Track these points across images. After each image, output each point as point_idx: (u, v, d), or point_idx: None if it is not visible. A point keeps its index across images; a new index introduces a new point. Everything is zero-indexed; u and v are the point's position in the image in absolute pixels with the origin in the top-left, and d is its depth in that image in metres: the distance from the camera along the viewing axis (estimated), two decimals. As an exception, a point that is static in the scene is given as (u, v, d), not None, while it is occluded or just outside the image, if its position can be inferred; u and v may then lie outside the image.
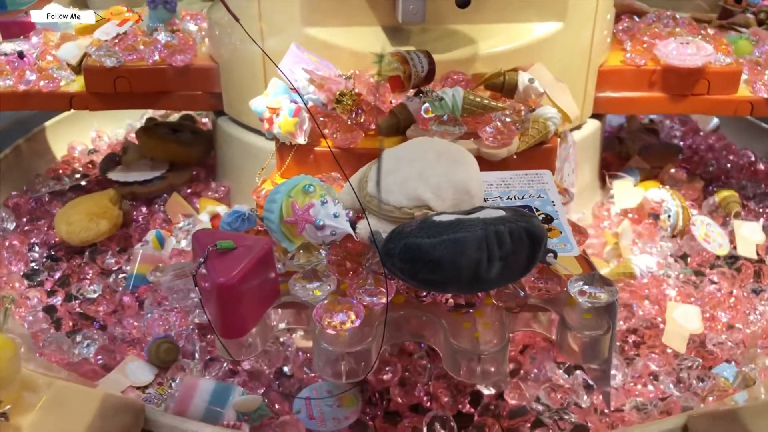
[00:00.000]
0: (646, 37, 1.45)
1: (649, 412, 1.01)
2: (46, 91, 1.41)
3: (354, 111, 1.06)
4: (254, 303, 0.80)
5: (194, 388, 0.97)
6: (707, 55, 1.36)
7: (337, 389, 0.99)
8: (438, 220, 0.75)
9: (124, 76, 1.36)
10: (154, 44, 1.39)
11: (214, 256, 0.79)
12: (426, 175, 0.85)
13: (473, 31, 1.25)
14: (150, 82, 1.38)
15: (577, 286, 0.82)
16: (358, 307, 0.81)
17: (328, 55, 1.20)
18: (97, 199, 1.38)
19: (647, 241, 1.34)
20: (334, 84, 1.06)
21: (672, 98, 1.40)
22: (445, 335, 0.80)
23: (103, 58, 1.36)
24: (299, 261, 0.88)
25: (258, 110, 1.06)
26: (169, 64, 1.37)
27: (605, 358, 0.83)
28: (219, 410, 0.95)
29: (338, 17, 1.22)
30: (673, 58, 1.36)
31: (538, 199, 0.92)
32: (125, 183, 1.50)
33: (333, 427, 0.95)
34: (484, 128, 1.01)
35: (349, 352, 0.78)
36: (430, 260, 0.73)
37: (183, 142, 1.58)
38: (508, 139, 1.00)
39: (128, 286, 1.24)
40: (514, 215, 0.75)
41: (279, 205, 0.88)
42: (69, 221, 1.33)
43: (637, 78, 1.40)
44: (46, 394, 0.77)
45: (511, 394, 1.02)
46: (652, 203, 1.39)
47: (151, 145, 1.57)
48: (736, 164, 1.71)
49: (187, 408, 0.95)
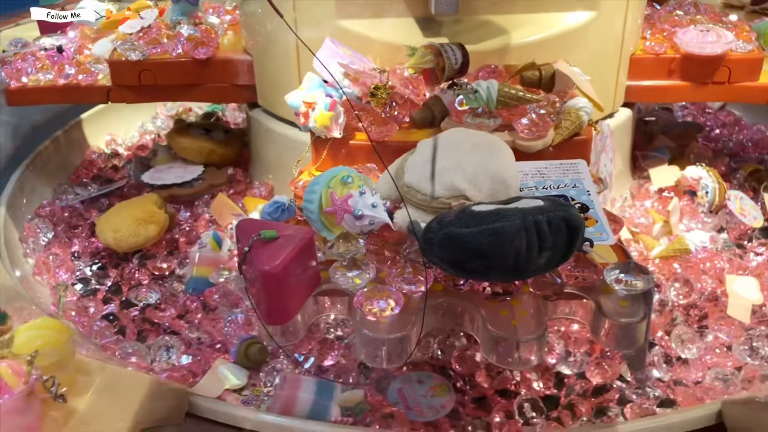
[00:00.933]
0: (667, 24, 1.44)
1: (730, 381, 1.03)
2: (85, 84, 1.44)
3: (388, 104, 1.07)
4: (297, 290, 0.83)
5: (298, 386, 0.95)
6: (727, 43, 1.35)
7: (428, 379, 1.00)
8: (477, 210, 0.77)
9: (149, 69, 1.39)
10: (177, 37, 1.41)
11: (258, 245, 0.81)
12: (462, 165, 0.87)
13: (505, 22, 1.26)
14: (174, 75, 1.41)
15: (614, 275, 0.84)
16: (398, 295, 0.83)
17: (362, 46, 1.21)
18: (142, 204, 1.36)
19: (691, 218, 1.37)
20: (368, 78, 1.08)
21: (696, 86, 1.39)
22: (483, 323, 0.82)
23: (127, 52, 1.39)
24: (338, 250, 0.90)
25: (294, 105, 1.07)
26: (191, 57, 1.39)
27: (641, 345, 0.84)
28: (327, 404, 0.93)
29: (372, 9, 1.23)
30: (693, 46, 1.35)
31: (573, 188, 0.93)
32: (163, 186, 1.48)
33: (432, 416, 0.95)
34: (518, 120, 1.02)
35: (389, 338, 0.80)
36: (469, 249, 0.74)
37: (218, 141, 1.57)
38: (543, 131, 1.01)
39: (189, 289, 1.22)
40: (552, 205, 0.76)
41: (318, 196, 0.90)
42: (115, 228, 1.30)
43: (661, 66, 1.39)
44: (98, 377, 0.81)
45: (594, 372, 1.03)
46: (690, 180, 1.42)
47: (184, 146, 1.56)
48: (752, 139, 1.73)
49: (293, 406, 0.93)
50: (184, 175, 1.50)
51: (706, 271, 1.24)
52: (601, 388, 1.03)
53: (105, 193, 1.52)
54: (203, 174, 1.51)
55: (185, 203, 1.48)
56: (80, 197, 1.51)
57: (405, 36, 1.23)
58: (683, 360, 1.07)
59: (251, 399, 1.00)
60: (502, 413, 0.97)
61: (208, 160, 1.55)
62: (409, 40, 1.22)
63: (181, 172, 1.52)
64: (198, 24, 1.47)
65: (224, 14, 1.58)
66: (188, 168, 1.53)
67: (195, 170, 1.52)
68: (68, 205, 1.49)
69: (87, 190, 1.55)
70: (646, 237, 1.33)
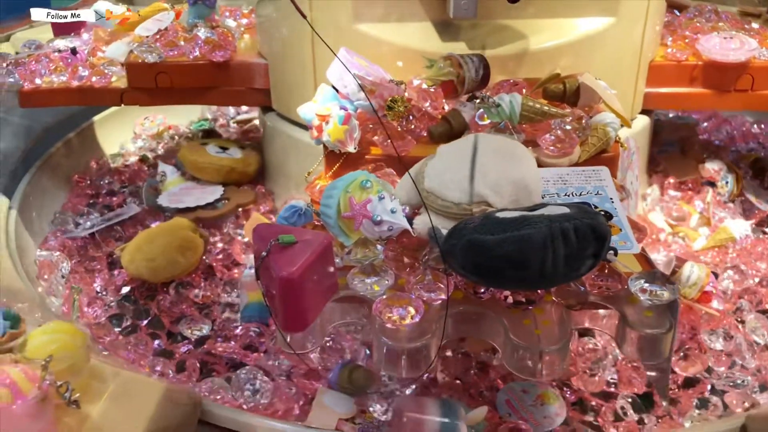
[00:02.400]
0: (688, 31, 1.43)
1: None
2: (99, 86, 1.44)
3: (405, 117, 1.04)
4: (315, 297, 0.81)
5: (423, 410, 0.88)
6: (751, 50, 1.33)
7: (532, 387, 0.97)
8: (501, 217, 0.75)
9: (165, 71, 1.38)
10: (193, 40, 1.41)
11: (275, 250, 0.80)
12: (484, 171, 0.85)
13: (523, 27, 1.24)
14: (191, 78, 1.39)
15: (639, 284, 0.82)
16: (417, 303, 0.81)
17: (379, 52, 1.20)
18: (175, 230, 1.26)
19: (717, 207, 1.41)
20: (385, 90, 1.04)
21: (718, 94, 1.38)
22: (506, 332, 0.80)
23: (144, 54, 1.38)
24: (357, 256, 0.88)
25: (307, 117, 1.04)
26: (208, 59, 1.38)
27: (666, 356, 0.82)
28: (455, 425, 0.86)
29: (389, 13, 1.22)
30: (716, 53, 1.34)
31: (596, 196, 0.92)
32: (186, 209, 1.38)
33: (549, 425, 0.93)
34: (543, 136, 0.98)
35: (409, 347, 0.78)
36: (494, 257, 0.73)
37: (237, 159, 1.50)
38: (569, 147, 0.98)
39: (245, 317, 1.14)
40: (578, 212, 0.74)
41: (336, 201, 0.88)
42: (150, 257, 1.21)
43: (682, 73, 1.38)
44: (112, 383, 0.79)
45: (682, 365, 1.05)
46: (711, 172, 1.49)
47: (202, 166, 1.48)
48: (738, 130, 1.74)
49: (422, 429, 0.87)
50: (204, 197, 1.42)
51: (758, 256, 1.30)
52: (692, 380, 1.05)
53: (119, 221, 1.40)
54: (225, 194, 1.44)
55: (211, 226, 1.39)
56: (91, 227, 1.39)
57: (422, 40, 1.21)
58: (765, 345, 1.11)
59: (367, 427, 0.93)
60: (609, 414, 0.98)
61: (228, 179, 1.48)
62: (426, 44, 1.20)
63: (199, 193, 1.44)
64: (215, 27, 1.46)
65: (241, 17, 1.57)
66: (206, 189, 1.45)
67: (214, 190, 1.44)
68: (76, 236, 1.37)
69: (89, 219, 1.44)
70: (687, 229, 1.37)
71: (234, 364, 1.08)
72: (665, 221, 1.40)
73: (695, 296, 1.13)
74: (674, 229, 1.39)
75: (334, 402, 0.95)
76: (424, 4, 1.22)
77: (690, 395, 1.02)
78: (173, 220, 1.32)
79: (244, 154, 1.52)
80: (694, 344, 1.10)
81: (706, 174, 1.49)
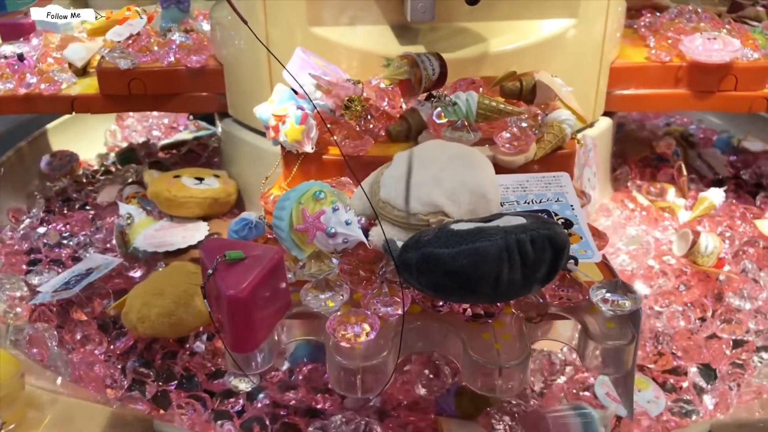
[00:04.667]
0: (670, 32, 1.42)
1: None
2: (47, 94, 1.38)
3: (363, 117, 1.02)
4: (265, 315, 0.77)
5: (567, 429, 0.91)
6: (734, 51, 1.33)
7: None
8: (456, 229, 0.72)
9: (139, 78, 1.34)
10: (168, 45, 1.36)
11: (223, 267, 0.76)
12: (440, 180, 0.82)
13: (483, 29, 1.22)
14: (165, 84, 1.35)
15: (600, 294, 0.80)
16: (373, 319, 0.78)
17: (335, 55, 1.17)
18: (184, 277, 1.10)
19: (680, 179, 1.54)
20: (342, 89, 1.02)
21: (694, 95, 1.38)
22: (464, 347, 0.77)
23: (117, 60, 1.33)
24: (310, 270, 0.85)
25: (263, 118, 1.01)
26: (184, 65, 1.34)
27: (628, 369, 0.80)
28: (593, 419, 0.92)
29: (345, 15, 1.19)
30: (700, 54, 1.33)
31: (556, 202, 0.89)
32: (176, 252, 1.22)
33: (657, 408, 1.01)
34: (499, 134, 0.97)
35: (364, 365, 0.75)
36: (448, 271, 0.70)
37: (218, 189, 1.35)
38: (525, 145, 0.97)
39: (297, 359, 1.05)
40: (535, 222, 0.72)
41: (289, 213, 0.85)
42: (168, 312, 1.04)
43: (659, 74, 1.37)
44: (50, 411, 0.75)
45: (727, 329, 1.15)
46: (664, 148, 1.67)
47: (181, 201, 1.30)
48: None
49: (566, 427, 0.90)
50: (192, 234, 1.25)
51: (737, 216, 1.43)
52: (738, 341, 1.14)
53: (98, 277, 1.19)
54: (210, 228, 1.29)
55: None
56: (65, 287, 1.17)
57: (380, 44, 1.18)
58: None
59: None
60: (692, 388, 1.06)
61: (210, 211, 1.33)
62: (384, 47, 1.17)
63: (182, 231, 1.27)
64: (189, 31, 1.42)
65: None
66: (187, 226, 1.29)
67: (199, 227, 1.29)
68: (54, 300, 1.17)
69: (44, 277, 1.23)
70: (667, 203, 1.47)
71: (309, 411, 1.00)
72: (645, 197, 1.49)
73: (713, 263, 1.24)
74: (655, 204, 1.47)
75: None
76: (381, 6, 1.19)
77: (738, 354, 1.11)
78: (171, 266, 1.16)
79: (221, 182, 1.37)
80: (721, 308, 1.19)
81: (660, 150, 1.66)
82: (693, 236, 1.26)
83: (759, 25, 1.60)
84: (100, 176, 1.67)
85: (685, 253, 1.27)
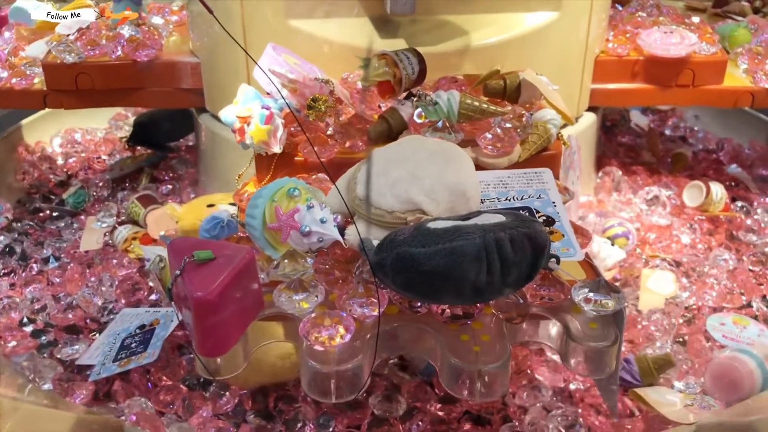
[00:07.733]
0: (629, 26, 1.40)
1: None
2: (19, 88, 1.34)
3: (333, 117, 0.98)
4: (236, 318, 0.75)
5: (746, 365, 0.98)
6: (691, 45, 1.31)
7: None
8: (433, 228, 0.70)
9: (86, 72, 1.29)
10: (116, 39, 1.32)
11: (191, 267, 0.73)
12: (418, 176, 0.80)
13: (465, 22, 1.19)
14: (114, 79, 1.31)
15: (582, 293, 0.77)
16: (348, 320, 0.75)
17: (314, 48, 1.14)
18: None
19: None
20: (307, 88, 0.98)
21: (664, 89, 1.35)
22: (442, 349, 0.74)
23: (62, 54, 1.29)
24: (284, 270, 0.82)
25: (228, 121, 0.97)
26: (132, 59, 1.30)
27: (612, 371, 0.78)
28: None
29: (323, 8, 1.16)
30: (657, 48, 1.31)
31: (538, 199, 0.87)
32: None
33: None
34: (482, 135, 0.94)
35: (339, 369, 0.73)
36: (424, 271, 0.67)
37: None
38: (508, 146, 0.93)
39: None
40: (514, 221, 0.69)
41: (262, 211, 0.82)
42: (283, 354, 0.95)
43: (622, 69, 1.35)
44: (11, 419, 0.72)
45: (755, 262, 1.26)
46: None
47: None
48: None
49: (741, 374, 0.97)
50: None
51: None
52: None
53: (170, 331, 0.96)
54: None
55: None
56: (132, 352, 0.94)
57: (359, 37, 1.16)
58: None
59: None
60: None
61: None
62: (363, 41, 1.14)
63: None
64: (140, 25, 1.38)
65: (170, 14, 1.49)
66: None
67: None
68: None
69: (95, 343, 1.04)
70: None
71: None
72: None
73: (723, 208, 1.41)
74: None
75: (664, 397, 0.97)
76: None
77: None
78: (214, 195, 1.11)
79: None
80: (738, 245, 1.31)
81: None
82: (705, 187, 1.41)
83: (744, 20, 1.58)
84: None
85: (701, 203, 1.41)
